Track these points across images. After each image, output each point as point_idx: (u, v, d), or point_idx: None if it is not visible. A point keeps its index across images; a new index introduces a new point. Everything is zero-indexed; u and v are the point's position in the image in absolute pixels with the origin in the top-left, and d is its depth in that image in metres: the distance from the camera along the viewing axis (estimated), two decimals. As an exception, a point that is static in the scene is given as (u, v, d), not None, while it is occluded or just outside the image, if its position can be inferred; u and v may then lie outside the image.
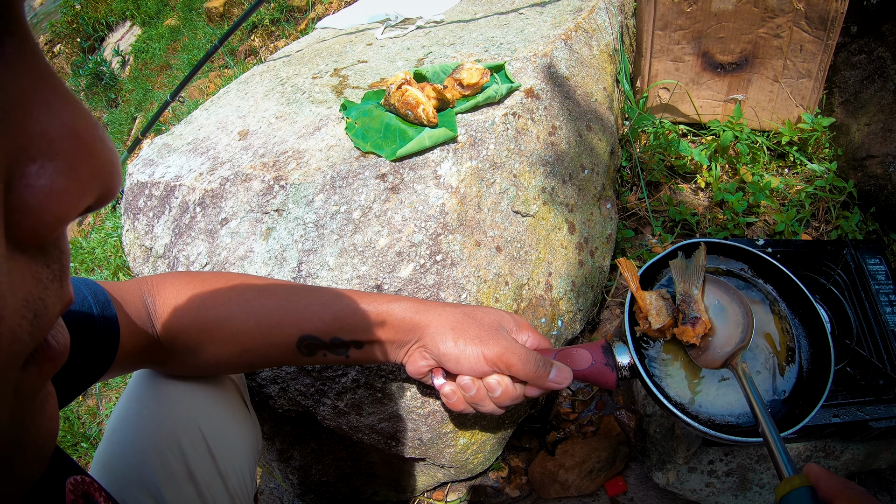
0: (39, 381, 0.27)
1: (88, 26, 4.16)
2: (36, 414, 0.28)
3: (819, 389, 0.82)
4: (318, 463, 1.12)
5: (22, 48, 0.23)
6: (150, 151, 1.25)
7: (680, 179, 1.47)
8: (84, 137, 0.25)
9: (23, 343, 0.24)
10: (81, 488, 0.50)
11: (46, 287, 0.26)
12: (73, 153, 0.25)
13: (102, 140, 0.26)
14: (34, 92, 0.24)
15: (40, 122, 0.24)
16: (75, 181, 0.25)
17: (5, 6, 0.22)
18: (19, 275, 0.24)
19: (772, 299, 0.91)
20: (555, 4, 1.38)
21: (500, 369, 0.74)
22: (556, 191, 1.06)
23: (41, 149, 0.24)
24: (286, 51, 1.62)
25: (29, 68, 0.23)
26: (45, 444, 0.29)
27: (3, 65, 0.22)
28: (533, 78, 1.07)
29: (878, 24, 1.38)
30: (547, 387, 0.76)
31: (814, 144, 1.44)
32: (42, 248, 0.25)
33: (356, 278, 0.88)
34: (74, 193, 0.25)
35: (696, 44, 1.43)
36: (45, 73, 0.24)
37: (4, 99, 0.22)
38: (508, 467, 1.17)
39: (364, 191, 0.92)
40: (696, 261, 0.88)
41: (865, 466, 1.12)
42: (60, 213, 0.25)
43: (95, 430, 1.92)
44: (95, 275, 2.26)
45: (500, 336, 0.75)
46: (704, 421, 0.81)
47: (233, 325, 0.72)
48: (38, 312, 0.25)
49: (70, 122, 0.25)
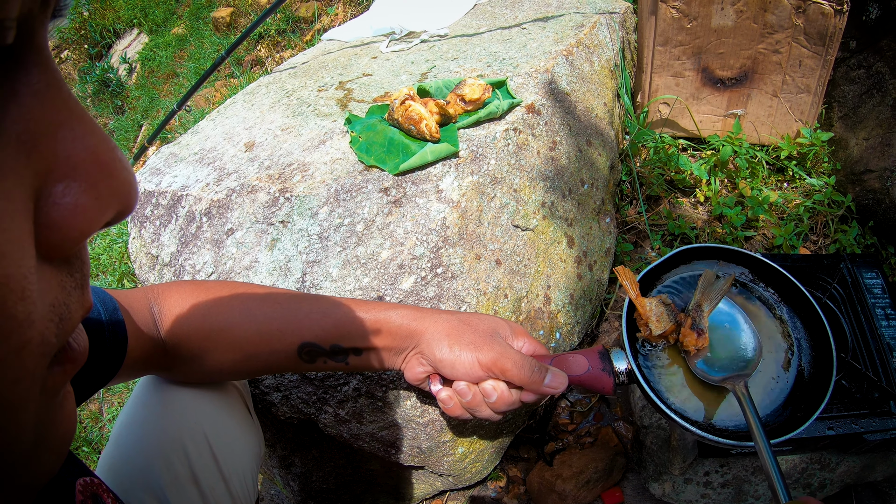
0: (62, 380, 0.29)
1: (96, 33, 4.19)
2: (57, 411, 0.30)
3: (820, 395, 0.82)
4: (319, 470, 1.13)
5: (48, 79, 0.26)
6: (157, 160, 1.27)
7: (679, 193, 1.49)
8: (104, 160, 0.28)
9: (50, 345, 0.27)
10: (90, 489, 0.52)
11: (70, 294, 0.28)
12: (94, 174, 0.27)
13: (121, 161, 0.28)
14: (60, 119, 0.26)
15: (65, 146, 0.26)
16: (97, 199, 0.27)
17: (34, 41, 0.25)
18: (47, 283, 0.26)
19: (772, 303, 0.92)
20: (557, 20, 1.40)
21: (495, 374, 0.75)
22: (555, 205, 1.08)
23: (66, 171, 0.26)
24: (292, 62, 1.65)
25: (55, 97, 0.26)
26: (64, 439, 0.31)
27: (32, 95, 0.25)
28: (534, 94, 1.09)
29: (876, 39, 1.40)
30: (542, 392, 0.76)
31: (812, 159, 1.46)
32: (66, 259, 0.28)
33: (359, 290, 0.90)
34: (96, 210, 0.27)
35: (696, 59, 1.45)
36: (69, 101, 0.27)
37: (34, 126, 0.25)
38: (507, 477, 1.18)
39: (367, 204, 0.94)
40: (722, 285, 0.89)
41: (861, 478, 1.13)
42: (83, 228, 0.27)
43: (97, 435, 1.93)
44: (100, 280, 2.27)
45: (495, 342, 0.76)
46: (704, 426, 0.81)
47: (235, 332, 0.73)
48: (63, 317, 0.28)
49: (92, 146, 0.27)
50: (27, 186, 0.25)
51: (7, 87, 0.24)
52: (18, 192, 0.24)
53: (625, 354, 0.81)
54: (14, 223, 0.24)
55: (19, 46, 0.24)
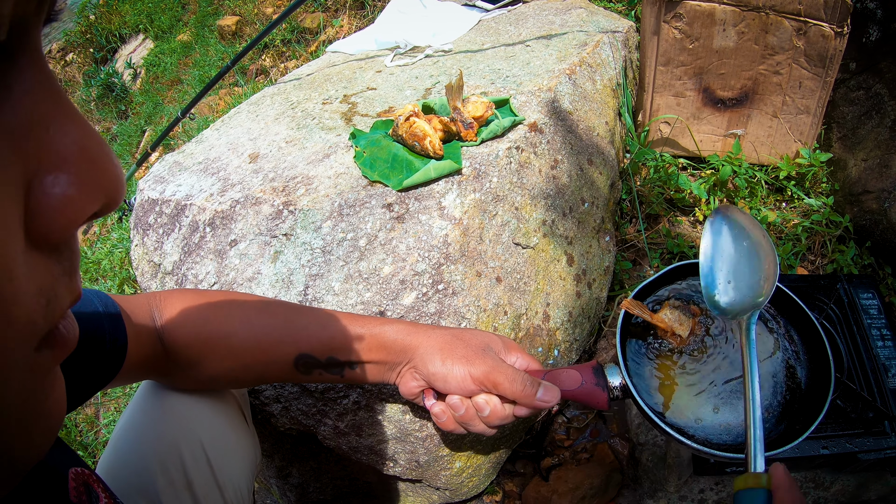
0: (51, 362, 0.31)
1: (102, 37, 4.22)
2: (47, 393, 0.32)
3: (815, 412, 0.82)
4: (317, 481, 1.14)
5: (40, 77, 0.27)
6: (161, 168, 1.28)
7: (678, 212, 1.50)
8: (92, 153, 0.29)
9: (37, 325, 0.29)
10: (82, 478, 0.53)
11: (58, 280, 0.30)
12: (82, 167, 0.29)
13: (108, 156, 0.30)
14: (50, 114, 0.28)
15: (55, 140, 0.28)
16: (84, 191, 0.29)
17: (29, 42, 0.26)
18: (35, 268, 0.28)
19: (769, 318, 0.93)
20: (560, 38, 1.42)
21: (488, 388, 0.77)
22: (556, 223, 1.09)
23: (56, 163, 0.28)
24: (297, 74, 1.66)
25: (46, 93, 0.27)
26: (52, 423, 0.33)
27: (25, 92, 0.26)
28: (537, 112, 1.11)
29: (876, 61, 1.42)
30: (535, 405, 0.78)
31: (811, 179, 1.47)
32: (55, 247, 0.30)
33: (360, 304, 0.91)
34: (83, 201, 0.29)
35: (697, 79, 1.47)
36: (59, 97, 0.28)
37: (26, 121, 0.26)
38: (503, 491, 1.19)
39: (370, 219, 0.95)
40: None
41: (855, 497, 1.14)
42: (71, 218, 0.29)
43: (93, 439, 1.93)
44: (100, 285, 2.28)
45: (487, 356, 0.77)
46: (698, 440, 0.82)
47: (234, 341, 0.75)
48: (50, 300, 0.29)
49: (80, 140, 0.29)
50: (18, 176, 0.26)
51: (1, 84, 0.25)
52: (9, 182, 0.26)
53: (619, 370, 0.82)
54: (3, 210, 0.25)
55: (14, 46, 0.25)
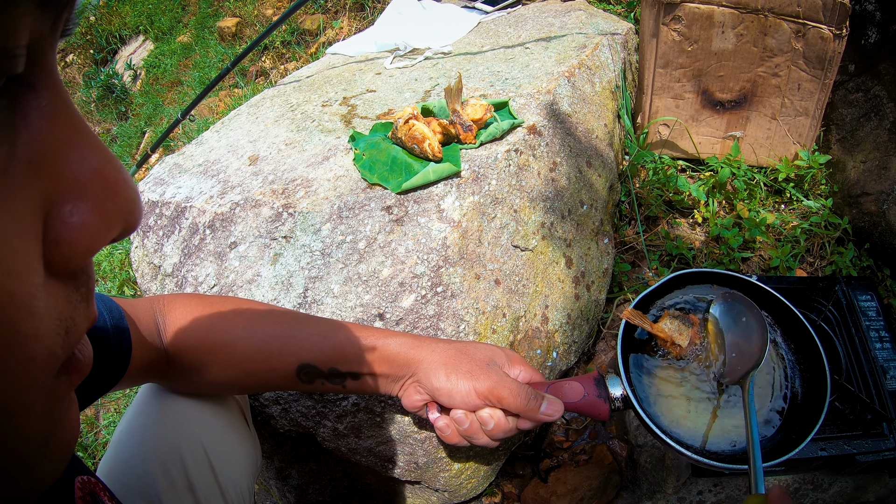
0: (68, 388, 0.31)
1: (102, 38, 4.22)
2: (62, 417, 0.31)
3: (814, 417, 0.83)
4: (316, 483, 1.14)
5: (57, 101, 0.27)
6: (161, 170, 1.28)
7: (677, 214, 1.51)
8: (110, 180, 0.29)
9: (56, 356, 0.28)
10: (88, 487, 0.53)
11: (76, 308, 0.29)
12: (101, 194, 0.28)
13: (126, 182, 0.30)
14: (68, 140, 0.27)
15: (73, 167, 0.27)
16: (103, 218, 0.28)
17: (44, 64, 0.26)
18: (54, 298, 0.28)
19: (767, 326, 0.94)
20: (560, 40, 1.42)
21: (492, 403, 0.77)
22: (554, 226, 1.09)
23: (74, 191, 0.27)
24: (297, 75, 1.66)
25: (63, 119, 0.27)
26: (68, 444, 0.32)
27: (42, 117, 0.26)
28: (536, 115, 1.11)
29: (875, 63, 1.42)
30: (538, 419, 0.78)
31: (810, 181, 1.47)
32: (73, 274, 0.29)
33: (359, 306, 0.91)
34: (102, 228, 0.29)
35: (696, 82, 1.47)
36: (77, 122, 0.28)
37: (44, 149, 0.26)
38: (501, 493, 1.19)
39: (370, 222, 0.95)
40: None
41: (854, 499, 1.14)
42: (90, 245, 0.28)
43: (93, 440, 1.93)
44: (100, 287, 2.28)
45: (492, 370, 0.78)
46: (698, 450, 0.83)
47: (236, 348, 0.75)
48: (69, 329, 0.29)
49: (98, 167, 0.28)
50: (36, 207, 0.26)
51: (18, 111, 0.25)
52: (27, 212, 0.25)
53: (620, 381, 0.83)
54: (23, 243, 0.25)
55: (29, 70, 0.25)
